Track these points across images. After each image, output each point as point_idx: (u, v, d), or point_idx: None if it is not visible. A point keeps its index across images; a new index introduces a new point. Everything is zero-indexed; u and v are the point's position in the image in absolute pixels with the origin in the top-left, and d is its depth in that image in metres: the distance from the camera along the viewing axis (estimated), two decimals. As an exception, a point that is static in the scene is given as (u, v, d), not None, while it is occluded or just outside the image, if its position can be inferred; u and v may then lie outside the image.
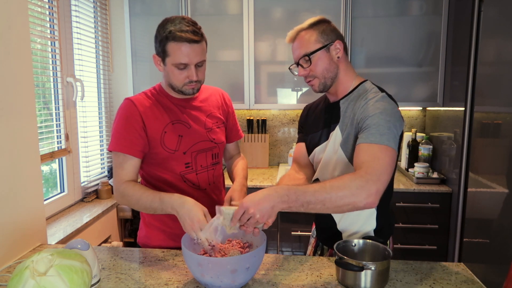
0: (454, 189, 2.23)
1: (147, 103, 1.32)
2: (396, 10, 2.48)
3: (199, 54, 1.24)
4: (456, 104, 2.23)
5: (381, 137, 1.09)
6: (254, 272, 1.07)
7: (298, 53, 1.25)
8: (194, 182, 1.37)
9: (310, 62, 1.24)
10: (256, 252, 1.03)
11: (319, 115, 1.38)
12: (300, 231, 2.43)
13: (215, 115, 1.43)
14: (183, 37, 1.20)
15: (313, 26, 1.25)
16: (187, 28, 1.21)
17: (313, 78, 1.26)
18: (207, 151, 1.39)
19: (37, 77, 2.07)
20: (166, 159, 1.32)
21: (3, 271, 1.24)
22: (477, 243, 1.89)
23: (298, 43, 1.25)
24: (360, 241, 1.19)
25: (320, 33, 1.24)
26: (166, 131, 1.31)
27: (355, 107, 1.22)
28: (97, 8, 2.65)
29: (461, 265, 1.25)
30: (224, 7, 2.57)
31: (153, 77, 2.68)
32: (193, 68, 1.25)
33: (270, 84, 2.63)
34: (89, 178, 2.52)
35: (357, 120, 1.18)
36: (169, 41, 1.21)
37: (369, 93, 1.22)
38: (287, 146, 2.97)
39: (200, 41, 1.24)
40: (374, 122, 1.11)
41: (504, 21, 1.70)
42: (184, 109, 1.36)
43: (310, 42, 1.23)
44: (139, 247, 1.43)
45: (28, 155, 1.44)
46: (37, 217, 1.49)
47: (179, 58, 1.22)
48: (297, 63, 1.27)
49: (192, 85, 1.28)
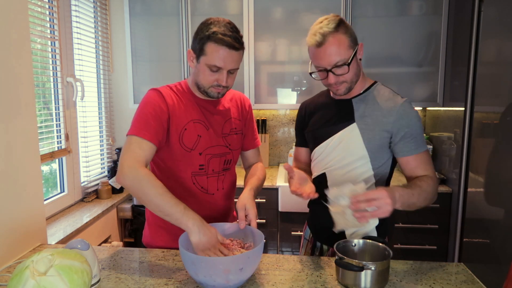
0: (454, 189, 2.23)
1: (173, 96, 1.30)
2: (396, 10, 2.48)
3: (235, 61, 1.23)
4: (456, 104, 2.23)
5: (423, 144, 1.27)
6: (249, 274, 1.06)
7: (331, 60, 1.19)
8: (203, 185, 1.35)
9: (347, 69, 1.20)
10: (250, 253, 1.03)
11: (326, 111, 1.37)
12: (300, 231, 2.42)
13: (233, 121, 1.41)
14: (224, 40, 1.18)
15: (339, 28, 1.19)
16: (230, 33, 1.19)
17: (342, 84, 1.24)
18: (221, 156, 1.37)
19: (37, 77, 2.07)
20: (181, 156, 1.30)
21: (3, 271, 1.24)
22: (477, 243, 1.89)
23: (331, 48, 1.18)
24: (360, 241, 1.20)
25: (350, 37, 1.20)
26: (187, 128, 1.29)
27: (380, 108, 1.26)
28: (97, 8, 2.65)
29: (461, 265, 1.25)
30: (224, 7, 2.57)
31: (153, 77, 2.68)
32: (225, 73, 1.23)
33: (270, 84, 2.63)
34: (89, 178, 2.52)
35: (389, 122, 1.25)
36: (210, 41, 1.19)
37: (391, 97, 1.27)
38: (287, 146, 2.97)
39: (239, 49, 1.22)
40: (414, 132, 1.24)
41: (504, 21, 1.70)
42: (205, 111, 1.34)
43: (344, 48, 1.19)
44: (139, 247, 1.43)
45: (28, 155, 1.44)
46: (37, 217, 1.49)
47: (214, 60, 1.20)
48: (327, 70, 1.21)
49: (219, 89, 1.27)
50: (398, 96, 1.28)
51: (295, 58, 2.58)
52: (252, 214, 1.20)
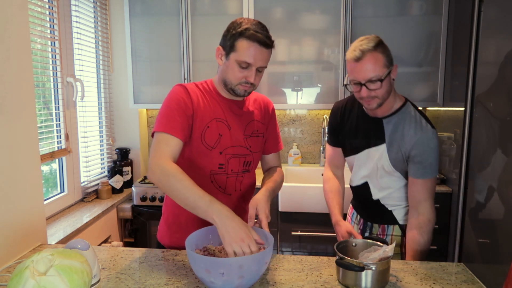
0: (454, 189, 2.23)
1: (199, 93, 1.31)
2: (396, 10, 2.48)
3: (265, 59, 1.24)
4: (456, 104, 2.23)
5: (431, 172, 1.38)
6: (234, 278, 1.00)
7: (367, 75, 1.29)
8: (221, 185, 1.35)
9: (380, 85, 1.30)
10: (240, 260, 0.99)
11: (358, 125, 1.50)
12: (300, 231, 2.42)
13: (256, 124, 1.40)
14: (257, 37, 1.20)
15: (378, 48, 1.30)
16: (262, 31, 1.22)
17: (373, 98, 1.33)
18: (241, 157, 1.36)
19: (37, 77, 2.07)
20: (201, 154, 1.30)
21: (3, 271, 1.24)
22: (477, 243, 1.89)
23: (368, 65, 1.28)
24: (360, 241, 1.20)
25: (386, 57, 1.31)
26: (209, 126, 1.29)
27: (403, 133, 1.38)
28: (97, 8, 2.65)
29: (461, 265, 1.25)
30: (224, 7, 2.57)
31: (153, 77, 2.68)
32: (254, 70, 1.23)
33: (270, 84, 2.63)
34: (89, 178, 2.52)
35: (407, 149, 1.38)
36: (242, 37, 1.21)
37: (417, 123, 1.37)
38: (287, 146, 2.97)
39: (270, 47, 1.24)
40: (425, 162, 1.36)
41: (504, 21, 1.70)
42: (229, 111, 1.34)
43: (380, 66, 1.29)
44: (139, 247, 1.43)
45: (28, 155, 1.44)
46: (37, 217, 1.48)
47: (245, 56, 1.21)
48: (361, 83, 1.31)
49: (247, 86, 1.26)
50: (426, 125, 1.37)
51: (295, 58, 2.58)
52: (263, 215, 1.19)
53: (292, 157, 2.90)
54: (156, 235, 1.50)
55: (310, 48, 2.56)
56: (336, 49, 2.54)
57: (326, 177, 1.67)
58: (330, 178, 1.65)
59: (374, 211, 1.54)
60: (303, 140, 2.98)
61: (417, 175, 1.39)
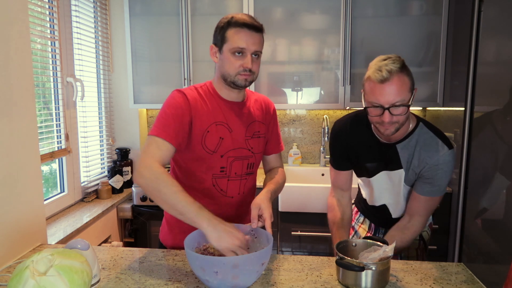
0: (454, 189, 2.23)
1: (197, 98, 1.30)
2: (396, 10, 2.48)
3: (257, 43, 1.24)
4: (456, 104, 2.23)
5: (437, 192, 1.35)
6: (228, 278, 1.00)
7: (391, 99, 1.18)
8: (223, 188, 1.34)
9: (404, 111, 1.20)
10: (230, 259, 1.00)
11: (370, 148, 1.39)
12: (300, 231, 2.42)
13: (257, 125, 1.39)
14: (244, 22, 1.22)
15: (403, 70, 1.20)
16: (249, 18, 1.25)
17: (393, 124, 1.23)
18: (243, 159, 1.35)
19: (37, 77, 2.07)
20: (203, 158, 1.30)
21: (3, 271, 1.24)
22: (477, 243, 1.89)
23: (394, 88, 1.18)
24: (360, 241, 1.20)
25: (410, 80, 1.22)
26: (209, 131, 1.28)
27: (420, 158, 1.31)
28: (97, 8, 2.65)
29: (461, 265, 1.25)
30: (224, 7, 2.57)
31: (153, 77, 2.68)
32: (249, 56, 1.23)
33: (270, 84, 2.63)
34: (89, 178, 2.52)
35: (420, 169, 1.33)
36: (230, 27, 1.23)
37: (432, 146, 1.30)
38: (287, 146, 2.97)
39: (260, 32, 1.25)
40: (438, 184, 1.32)
41: (504, 21, 1.70)
42: (229, 112, 1.33)
43: (406, 90, 1.19)
44: (139, 247, 1.43)
45: (28, 155, 1.44)
46: (37, 217, 1.48)
47: (237, 42, 1.22)
48: (384, 108, 1.19)
49: (246, 74, 1.25)
50: (443, 146, 1.30)
51: (295, 58, 2.58)
52: (266, 214, 1.18)
53: (292, 157, 2.90)
54: (156, 235, 1.51)
55: (310, 48, 2.56)
56: (336, 49, 2.53)
57: (330, 204, 1.57)
58: (333, 207, 1.54)
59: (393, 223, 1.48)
60: (303, 140, 2.98)
61: (422, 192, 1.34)
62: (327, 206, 1.58)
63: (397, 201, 1.45)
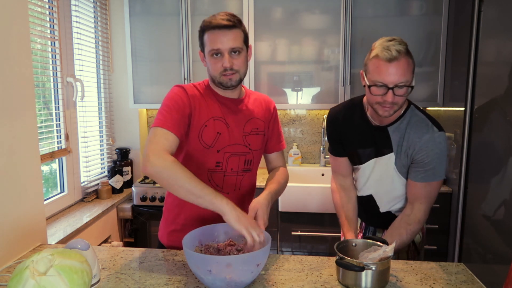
0: (454, 189, 2.23)
1: (196, 93, 1.32)
2: (396, 10, 2.48)
3: (231, 39, 1.23)
4: (456, 104, 2.23)
5: (433, 176, 1.32)
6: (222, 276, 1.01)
7: (397, 78, 1.20)
8: (219, 183, 1.35)
9: (406, 91, 1.23)
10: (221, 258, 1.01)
11: (362, 133, 1.42)
12: (300, 231, 2.42)
13: (255, 122, 1.40)
14: (212, 24, 1.23)
15: (409, 52, 1.23)
16: (220, 17, 1.25)
17: (393, 105, 1.25)
18: (240, 155, 1.36)
19: (37, 77, 2.07)
20: (199, 153, 1.31)
21: (3, 271, 1.24)
22: (477, 243, 1.89)
23: (400, 68, 1.20)
24: (360, 241, 1.20)
25: (413, 63, 1.25)
26: (207, 125, 1.30)
27: (409, 139, 1.32)
28: (97, 8, 2.65)
29: (461, 265, 1.25)
30: (224, 7, 2.57)
31: (153, 77, 2.68)
32: (226, 55, 1.24)
33: (270, 84, 2.63)
34: (89, 178, 2.52)
35: (411, 153, 1.33)
36: (205, 32, 1.26)
37: (422, 127, 1.31)
38: (287, 146, 2.96)
39: (232, 27, 1.24)
40: (430, 167, 1.31)
41: (504, 21, 1.70)
42: (226, 109, 1.34)
43: (410, 71, 1.22)
44: (139, 247, 1.43)
45: (28, 155, 1.44)
46: (37, 217, 1.48)
47: (211, 44, 1.24)
48: (389, 87, 1.21)
49: (228, 74, 1.26)
50: (432, 127, 1.31)
51: (295, 58, 2.58)
52: (261, 221, 1.18)
53: (292, 157, 2.90)
54: (156, 234, 1.51)
55: (310, 48, 2.56)
56: (336, 49, 2.54)
57: (333, 188, 1.59)
58: (336, 190, 1.57)
59: (381, 220, 1.49)
60: (303, 140, 2.98)
61: (416, 178, 1.34)
62: (331, 190, 1.60)
63: (386, 191, 1.44)
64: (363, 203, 1.53)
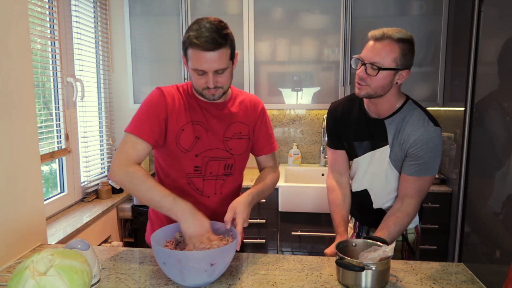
0: (454, 189, 2.23)
1: (176, 96, 1.30)
2: (396, 10, 2.48)
3: (217, 61, 1.17)
4: (456, 104, 2.24)
5: (425, 171, 1.34)
6: (174, 271, 1.04)
7: (371, 56, 1.26)
8: (199, 187, 1.35)
9: (375, 73, 1.25)
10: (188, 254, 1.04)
11: (359, 126, 1.43)
12: (300, 231, 2.43)
13: (238, 126, 1.36)
14: (198, 44, 1.14)
15: (401, 42, 1.25)
16: (206, 35, 1.14)
17: (364, 86, 1.29)
18: (221, 160, 1.34)
19: (37, 77, 2.07)
20: (177, 157, 1.30)
21: (3, 271, 1.24)
22: (477, 243, 1.89)
23: (378, 48, 1.25)
24: (360, 241, 1.20)
25: (402, 56, 1.26)
26: (184, 129, 1.29)
27: (404, 132, 1.33)
28: (97, 8, 2.65)
29: (461, 265, 1.25)
30: (224, 7, 2.57)
31: (153, 77, 2.68)
32: (210, 75, 1.19)
33: (270, 84, 2.63)
34: (89, 178, 2.52)
35: (406, 147, 1.33)
36: (188, 47, 1.18)
37: (418, 121, 1.32)
38: (287, 146, 2.97)
39: (217, 49, 1.16)
40: (423, 161, 1.32)
41: (504, 21, 1.70)
42: (207, 112, 1.32)
43: (390, 57, 1.25)
44: (139, 247, 1.43)
45: (28, 155, 1.44)
46: (37, 217, 1.48)
47: (196, 64, 1.18)
48: (363, 62, 1.28)
49: (212, 91, 1.23)
50: (428, 122, 1.32)
51: (295, 58, 2.58)
52: (239, 219, 1.18)
53: (292, 157, 2.90)
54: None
55: (310, 48, 2.56)
56: (336, 49, 2.54)
57: (330, 186, 1.57)
58: (333, 188, 1.56)
59: (373, 218, 1.49)
60: (303, 140, 2.98)
61: (409, 172, 1.35)
62: (327, 188, 1.59)
63: (380, 186, 1.44)
64: (358, 199, 1.53)
